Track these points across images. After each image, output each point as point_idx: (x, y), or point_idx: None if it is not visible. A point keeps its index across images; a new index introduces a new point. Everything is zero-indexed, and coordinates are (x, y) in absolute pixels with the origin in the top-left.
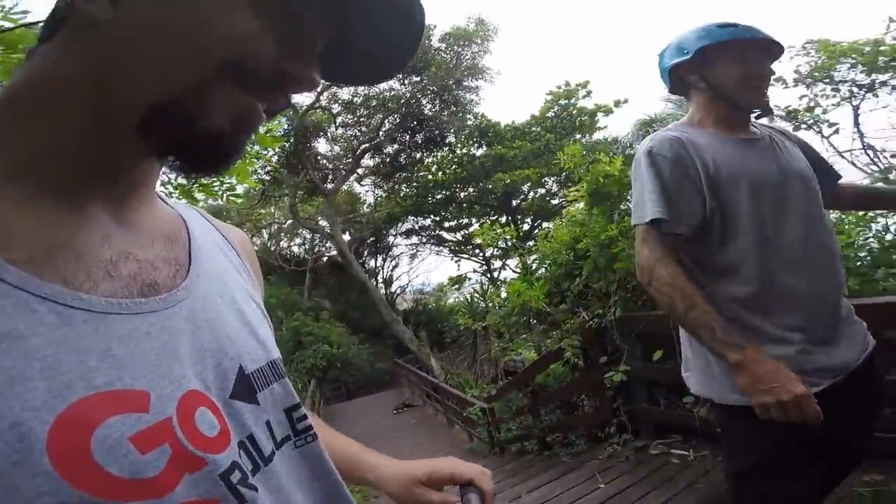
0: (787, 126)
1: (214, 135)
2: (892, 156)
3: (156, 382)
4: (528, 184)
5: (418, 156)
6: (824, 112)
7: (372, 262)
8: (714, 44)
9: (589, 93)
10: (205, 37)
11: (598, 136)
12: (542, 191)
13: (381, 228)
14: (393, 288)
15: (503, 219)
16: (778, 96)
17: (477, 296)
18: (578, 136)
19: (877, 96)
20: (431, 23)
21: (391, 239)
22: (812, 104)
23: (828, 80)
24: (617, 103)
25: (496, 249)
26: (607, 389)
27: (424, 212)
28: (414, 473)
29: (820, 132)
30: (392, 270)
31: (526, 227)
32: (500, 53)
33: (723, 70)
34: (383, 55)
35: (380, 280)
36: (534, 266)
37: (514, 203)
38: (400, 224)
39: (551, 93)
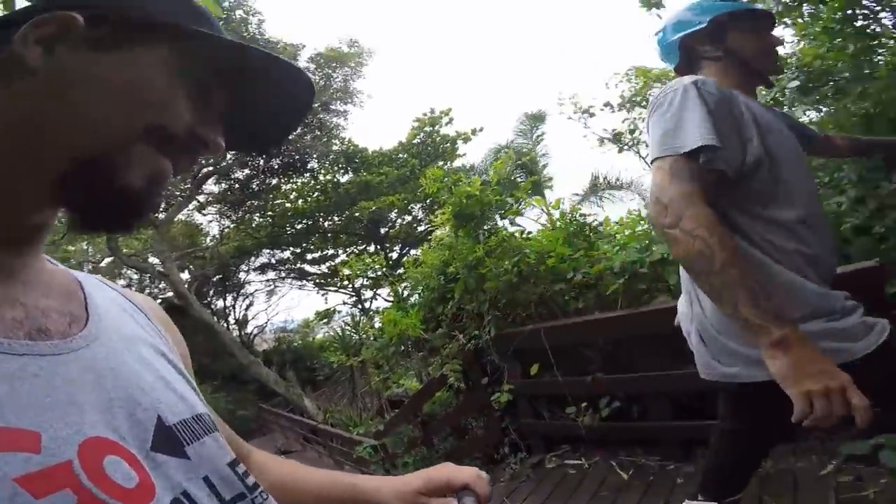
0: (614, 148)
1: (131, 192)
2: None
3: (49, 424)
4: (395, 211)
5: (274, 182)
6: (640, 133)
7: (220, 302)
8: (725, 14)
9: (451, 120)
10: (133, 100)
11: (458, 163)
12: (409, 218)
13: (230, 264)
14: (249, 328)
15: (371, 248)
16: (606, 120)
17: (349, 328)
18: (441, 163)
19: None
20: (300, 42)
21: (243, 275)
22: (632, 126)
23: (644, 104)
24: (474, 131)
25: (366, 280)
26: (494, 410)
27: (283, 244)
28: (413, 485)
29: (638, 153)
30: (246, 309)
31: (395, 255)
32: (373, 77)
33: (738, 39)
34: (270, 125)
35: (231, 321)
36: (406, 293)
37: (381, 231)
38: (253, 258)
39: (417, 119)
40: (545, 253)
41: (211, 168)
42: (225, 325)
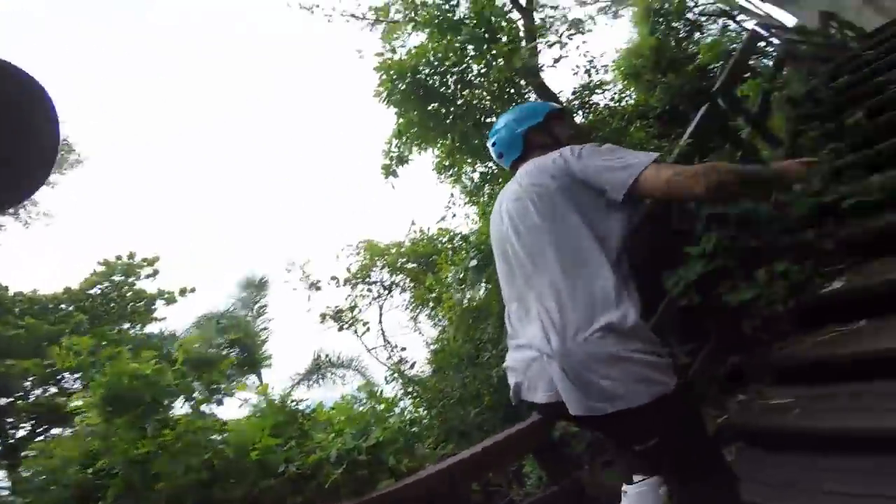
0: (335, 326)
1: None
2: (402, 349)
3: None
4: (33, 379)
5: None
6: (359, 311)
7: None
8: (553, 111)
9: (155, 273)
10: None
11: (154, 327)
12: (55, 389)
13: None
14: None
15: None
16: (331, 295)
17: None
18: (127, 326)
19: (392, 296)
20: None
21: None
22: (353, 304)
23: (367, 281)
24: (183, 291)
25: None
26: None
27: None
28: None
29: (356, 331)
30: None
31: (23, 432)
32: (68, 191)
33: (560, 130)
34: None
35: None
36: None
37: (4, 402)
38: None
39: (106, 262)
40: (248, 445)
41: None
42: None
